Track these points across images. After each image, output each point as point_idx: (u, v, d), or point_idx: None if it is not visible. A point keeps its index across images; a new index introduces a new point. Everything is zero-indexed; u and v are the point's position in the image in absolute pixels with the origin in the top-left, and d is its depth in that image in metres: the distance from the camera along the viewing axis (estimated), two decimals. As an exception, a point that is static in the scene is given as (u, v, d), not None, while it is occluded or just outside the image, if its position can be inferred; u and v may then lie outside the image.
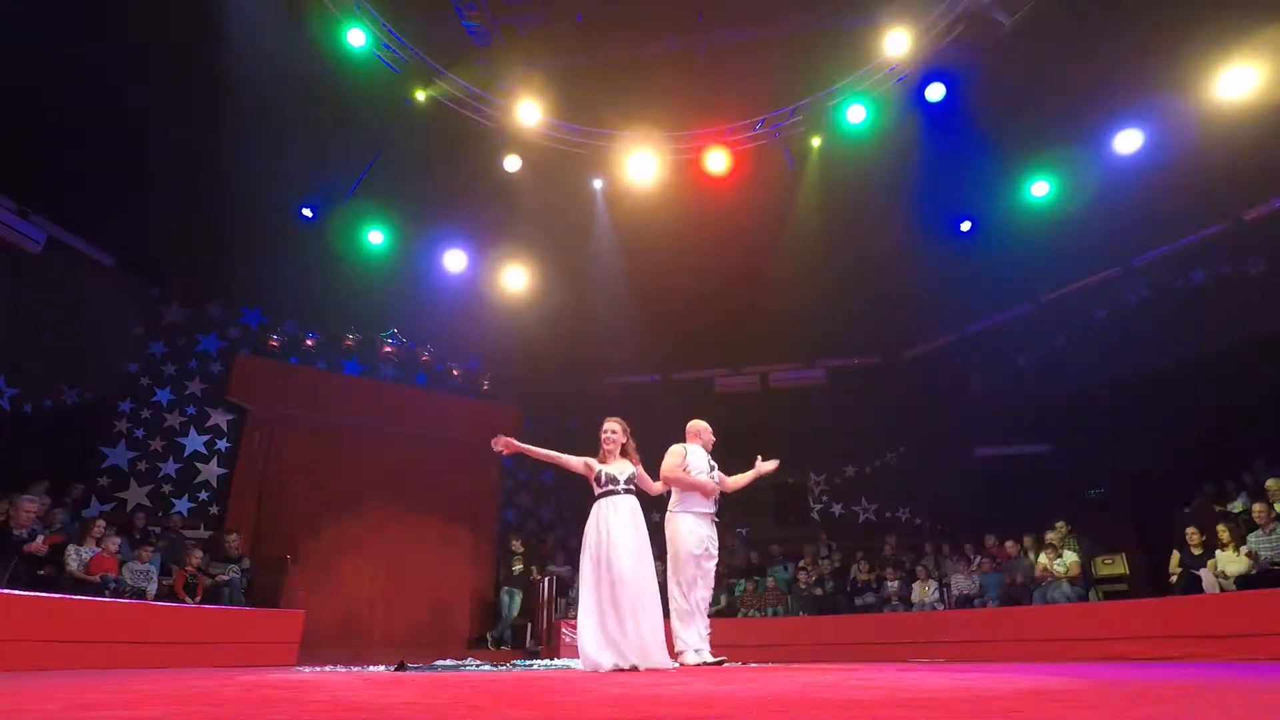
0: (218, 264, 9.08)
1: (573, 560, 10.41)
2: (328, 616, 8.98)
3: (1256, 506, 6.47)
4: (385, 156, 8.42)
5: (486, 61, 8.29)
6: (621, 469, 4.59)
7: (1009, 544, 8.19)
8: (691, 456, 5.03)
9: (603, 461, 4.65)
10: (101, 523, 6.96)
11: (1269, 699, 1.80)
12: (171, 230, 8.40)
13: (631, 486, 4.57)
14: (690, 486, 4.92)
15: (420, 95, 8.10)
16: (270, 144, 7.51)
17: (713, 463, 5.14)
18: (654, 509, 5.13)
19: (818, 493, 11.83)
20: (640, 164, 8.71)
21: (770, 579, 9.55)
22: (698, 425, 5.30)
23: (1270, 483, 6.65)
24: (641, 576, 4.29)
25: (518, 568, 9.84)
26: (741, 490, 5.42)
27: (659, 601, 4.37)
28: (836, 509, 11.66)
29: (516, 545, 10.11)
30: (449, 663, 6.00)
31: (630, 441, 4.74)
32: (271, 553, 8.59)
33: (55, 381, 8.31)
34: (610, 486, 4.52)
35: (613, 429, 4.70)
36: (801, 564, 9.68)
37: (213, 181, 7.85)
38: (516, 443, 4.51)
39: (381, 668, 4.96)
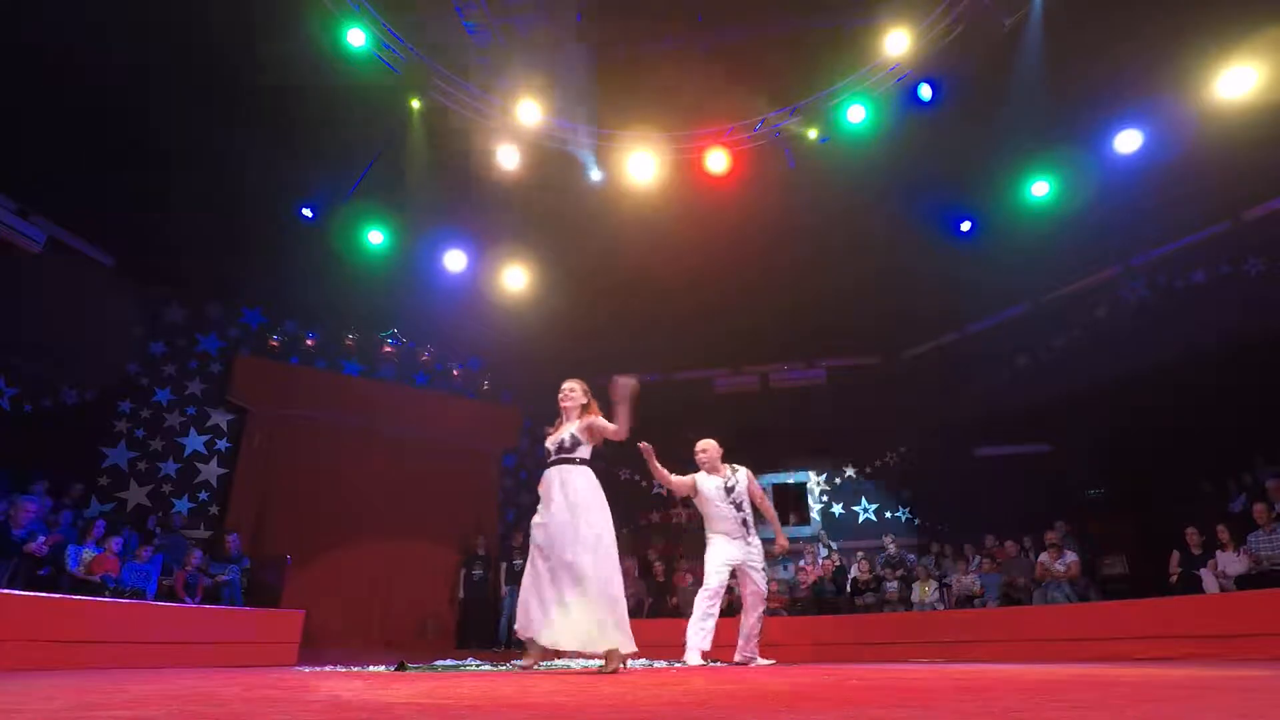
0: (218, 264, 9.08)
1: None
2: (328, 616, 8.98)
3: (1256, 506, 6.47)
4: (386, 157, 8.41)
5: (486, 61, 8.29)
6: (560, 434, 4.02)
7: (1009, 544, 8.20)
8: (702, 484, 5.23)
9: (555, 428, 4.11)
10: (102, 522, 6.96)
11: (1268, 699, 1.80)
12: (171, 230, 8.40)
13: (564, 455, 3.94)
14: (673, 486, 5.19)
15: (419, 96, 8.11)
16: (270, 144, 7.51)
17: (733, 482, 5.23)
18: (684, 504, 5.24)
19: (818, 493, 11.83)
20: (640, 164, 8.71)
21: (770, 579, 9.55)
22: (698, 449, 5.42)
23: (1270, 483, 6.65)
24: (561, 551, 3.68)
25: (519, 562, 9.86)
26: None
27: (588, 580, 3.62)
28: (836, 509, 11.66)
29: (516, 541, 10.12)
30: (449, 663, 6.00)
31: (593, 402, 4.10)
32: (271, 553, 8.59)
33: (55, 381, 8.32)
34: (548, 458, 4.02)
35: (569, 388, 4.10)
36: (801, 564, 9.68)
37: (213, 181, 7.86)
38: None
39: (381, 668, 4.96)
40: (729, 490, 5.19)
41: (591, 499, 3.83)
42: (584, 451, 3.98)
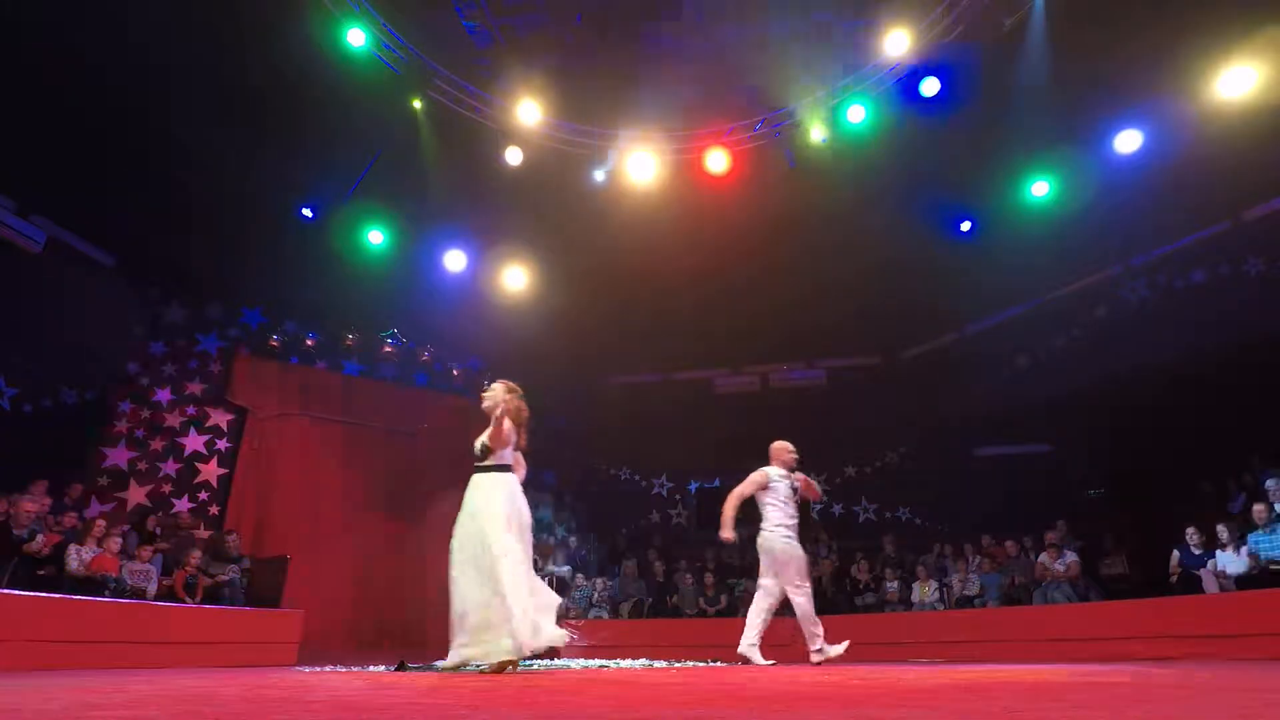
0: (218, 264, 9.08)
1: (572, 561, 10.41)
2: (327, 616, 8.97)
3: (1256, 506, 6.46)
4: (385, 156, 8.42)
5: (487, 61, 8.29)
6: (478, 439, 3.96)
7: (1009, 544, 8.19)
8: (776, 480, 5.39)
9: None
10: (102, 522, 6.95)
11: (1268, 699, 1.81)
12: (171, 230, 8.40)
13: (477, 463, 3.94)
14: (744, 493, 5.36)
15: (419, 96, 8.11)
16: (270, 144, 7.51)
17: (796, 485, 5.45)
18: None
19: (818, 492, 11.84)
20: (640, 164, 8.71)
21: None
22: (775, 446, 5.59)
23: (1270, 483, 6.65)
24: (465, 564, 3.71)
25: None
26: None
27: (497, 590, 3.59)
28: (836, 509, 11.65)
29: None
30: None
31: (512, 400, 3.95)
32: (271, 553, 8.58)
33: (55, 381, 8.31)
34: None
35: (484, 389, 4.05)
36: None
37: (213, 181, 7.86)
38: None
39: (381, 668, 4.96)
40: (794, 491, 5.45)
41: (492, 509, 3.77)
42: (498, 457, 3.89)
